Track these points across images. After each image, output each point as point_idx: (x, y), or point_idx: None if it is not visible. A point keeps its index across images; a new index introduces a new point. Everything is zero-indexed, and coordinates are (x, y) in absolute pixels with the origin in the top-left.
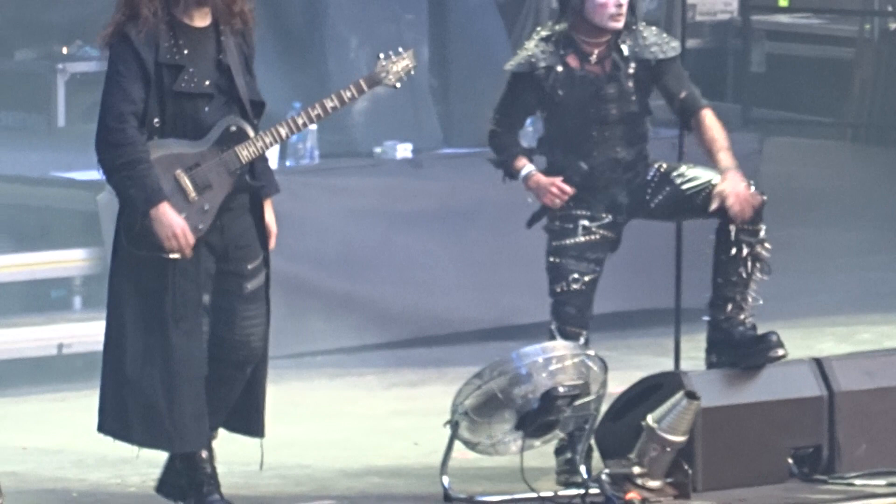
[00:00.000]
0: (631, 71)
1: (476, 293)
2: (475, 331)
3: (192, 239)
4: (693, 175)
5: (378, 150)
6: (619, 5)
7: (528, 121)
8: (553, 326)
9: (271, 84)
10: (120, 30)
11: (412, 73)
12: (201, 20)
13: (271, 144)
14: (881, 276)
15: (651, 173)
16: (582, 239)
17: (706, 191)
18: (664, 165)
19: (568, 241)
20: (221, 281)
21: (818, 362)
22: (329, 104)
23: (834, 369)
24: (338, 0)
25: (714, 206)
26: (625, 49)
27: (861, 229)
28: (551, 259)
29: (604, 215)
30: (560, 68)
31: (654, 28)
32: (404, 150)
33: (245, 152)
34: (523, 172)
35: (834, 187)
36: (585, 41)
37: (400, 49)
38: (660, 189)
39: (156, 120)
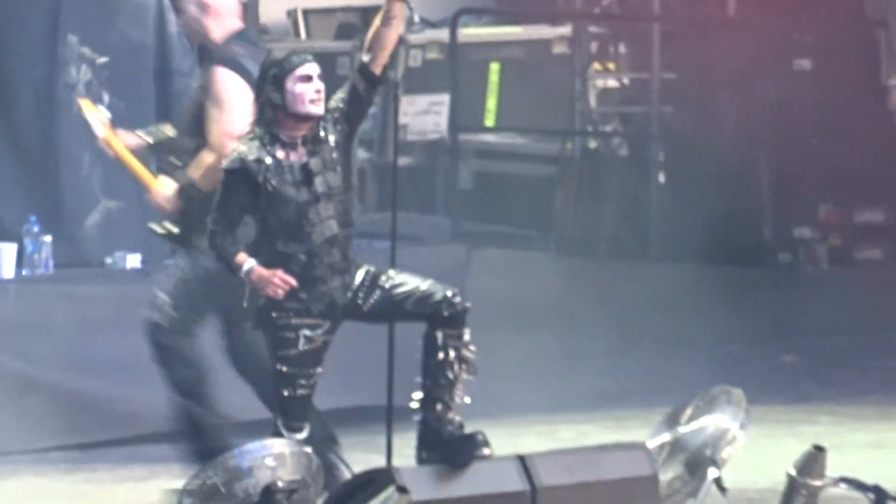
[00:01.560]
0: (332, 143)
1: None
2: None
3: None
4: (402, 281)
5: (109, 260)
6: (318, 91)
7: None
8: (279, 422)
9: (6, 196)
10: None
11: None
12: None
13: None
14: (579, 378)
15: (361, 277)
16: (306, 348)
17: (414, 296)
18: (372, 269)
19: (292, 352)
20: None
21: (521, 459)
22: None
23: (536, 465)
24: (70, 119)
25: None
26: (322, 131)
27: (563, 335)
28: (278, 366)
29: (322, 322)
30: (269, 160)
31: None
32: (133, 260)
33: None
34: (245, 268)
35: (538, 296)
36: (289, 133)
37: None
38: (371, 293)
39: None
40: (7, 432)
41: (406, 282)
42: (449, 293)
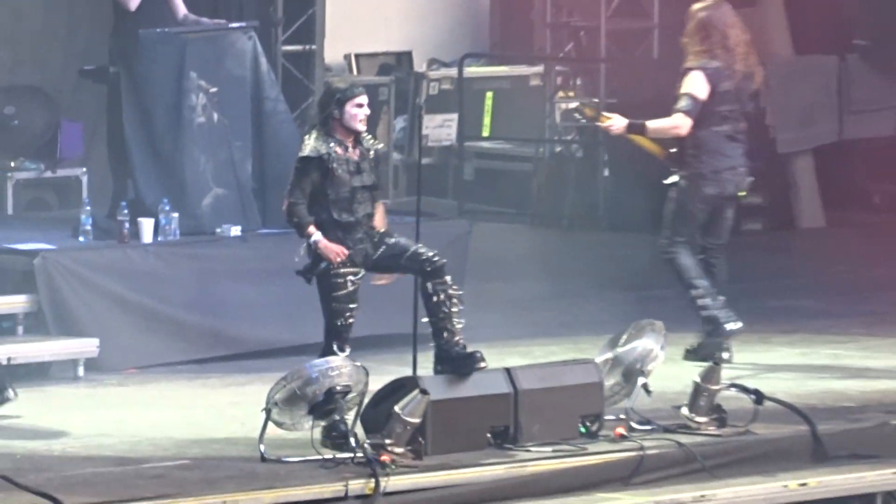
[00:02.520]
0: (371, 154)
1: (285, 322)
2: (284, 348)
3: None
4: (400, 242)
5: (218, 230)
6: (366, 114)
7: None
8: (335, 345)
9: (147, 185)
10: None
11: None
12: None
13: None
14: (548, 314)
15: (376, 238)
16: (350, 288)
17: (407, 253)
18: (382, 230)
19: (342, 292)
20: None
21: (507, 370)
22: None
23: (518, 375)
24: (192, 130)
25: None
26: (363, 142)
27: (537, 283)
28: (333, 304)
29: (359, 270)
30: (335, 152)
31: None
32: (236, 231)
33: None
34: (314, 238)
35: (518, 255)
36: (340, 138)
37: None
38: (378, 248)
39: None
40: (147, 351)
41: (402, 243)
42: (430, 253)
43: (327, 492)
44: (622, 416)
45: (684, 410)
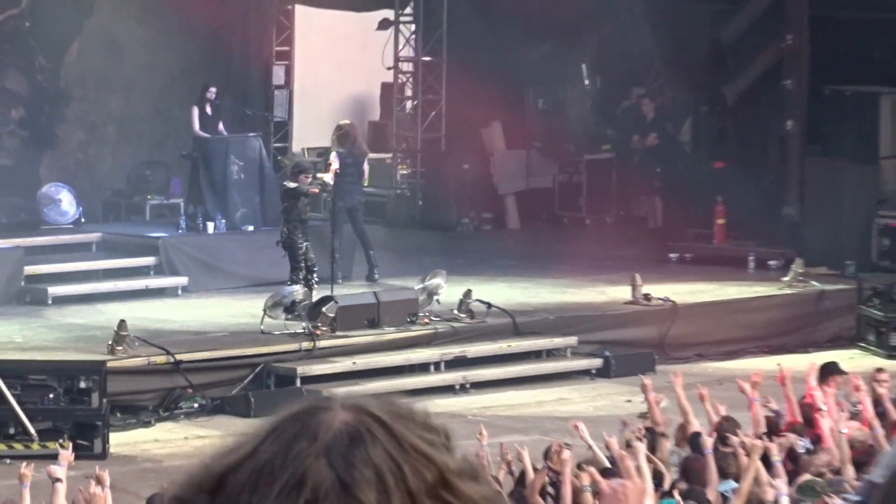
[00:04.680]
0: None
1: (273, 268)
2: (272, 282)
3: None
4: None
5: (243, 227)
6: (311, 175)
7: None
8: (293, 279)
9: (213, 205)
10: None
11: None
12: None
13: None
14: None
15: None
16: (303, 250)
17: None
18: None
19: (300, 252)
20: None
21: (375, 293)
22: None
23: (381, 295)
24: (232, 181)
25: None
26: (312, 185)
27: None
28: (295, 259)
29: (307, 241)
30: (302, 187)
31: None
32: (250, 228)
33: None
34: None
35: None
36: (301, 182)
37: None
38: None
39: None
40: (209, 282)
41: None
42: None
43: (291, 347)
44: (427, 313)
45: (455, 311)
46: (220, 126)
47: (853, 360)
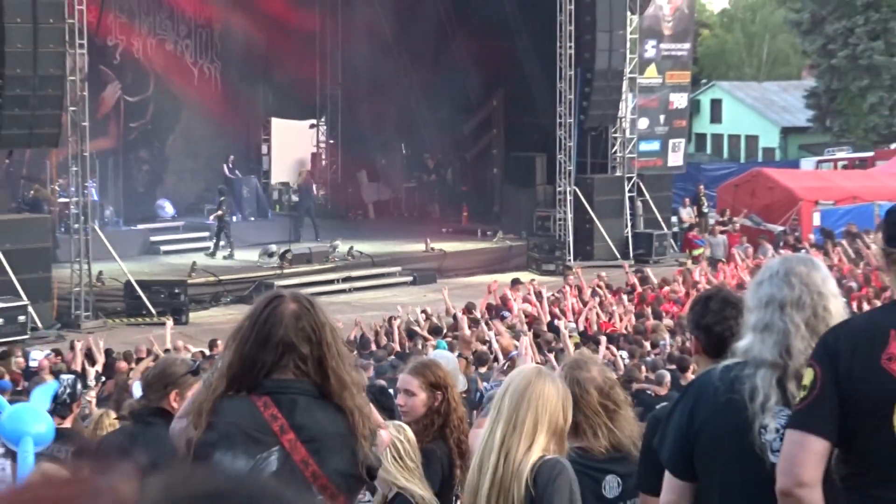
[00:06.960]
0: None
1: (276, 232)
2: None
3: None
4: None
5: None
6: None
7: None
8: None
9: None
10: None
11: None
12: None
13: None
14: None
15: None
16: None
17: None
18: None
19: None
20: None
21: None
22: None
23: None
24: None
25: None
26: None
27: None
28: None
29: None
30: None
31: None
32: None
33: None
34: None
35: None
36: None
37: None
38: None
39: None
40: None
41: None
42: None
43: (272, 273)
44: (335, 256)
45: (346, 255)
46: (237, 172)
47: (525, 276)
